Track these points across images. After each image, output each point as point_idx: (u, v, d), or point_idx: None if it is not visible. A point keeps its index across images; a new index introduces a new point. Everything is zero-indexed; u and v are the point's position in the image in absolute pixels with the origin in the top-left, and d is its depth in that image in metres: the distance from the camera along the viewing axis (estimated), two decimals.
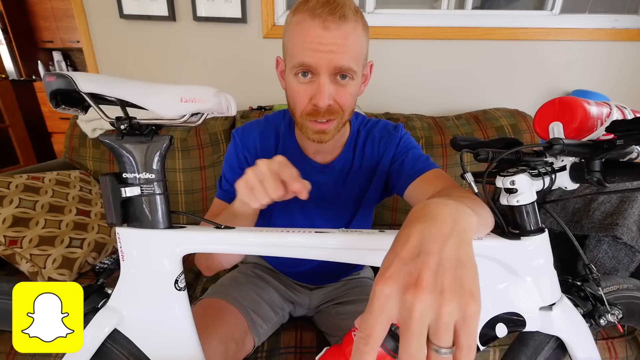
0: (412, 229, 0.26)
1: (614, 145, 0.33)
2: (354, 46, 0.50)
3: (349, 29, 0.48)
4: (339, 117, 0.54)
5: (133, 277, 0.40)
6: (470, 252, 0.25)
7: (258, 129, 0.66)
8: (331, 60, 0.49)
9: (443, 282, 0.22)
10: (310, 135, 0.56)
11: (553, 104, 0.39)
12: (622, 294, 0.50)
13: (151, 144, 0.37)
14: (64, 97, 0.38)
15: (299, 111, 0.54)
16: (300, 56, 0.49)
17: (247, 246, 0.40)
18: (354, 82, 0.53)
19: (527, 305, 0.38)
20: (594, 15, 1.34)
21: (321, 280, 0.77)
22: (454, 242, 0.24)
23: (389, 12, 1.34)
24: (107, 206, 0.37)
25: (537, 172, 0.38)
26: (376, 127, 0.67)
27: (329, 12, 0.47)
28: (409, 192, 0.58)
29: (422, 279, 0.22)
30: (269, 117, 0.69)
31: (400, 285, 0.23)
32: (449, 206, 0.28)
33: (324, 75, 0.50)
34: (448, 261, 0.23)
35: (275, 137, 0.66)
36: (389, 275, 0.23)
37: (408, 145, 0.64)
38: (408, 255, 0.24)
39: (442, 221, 0.26)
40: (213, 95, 0.36)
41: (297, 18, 0.50)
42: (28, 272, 0.83)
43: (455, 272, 0.23)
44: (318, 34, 0.48)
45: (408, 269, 0.23)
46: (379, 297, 0.23)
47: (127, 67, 1.39)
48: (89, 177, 1.14)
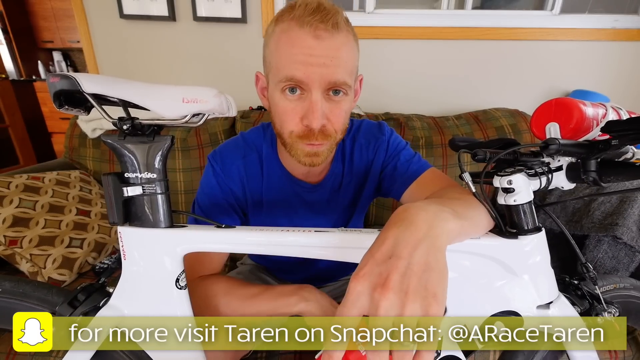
0: (388, 233, 0.28)
1: (609, 145, 0.34)
2: (347, 58, 0.45)
3: (342, 39, 0.44)
4: (332, 139, 0.49)
5: (134, 276, 0.40)
6: (440, 257, 0.27)
7: (238, 153, 0.58)
8: (324, 74, 0.43)
9: (409, 284, 0.24)
10: (302, 158, 0.50)
11: (550, 105, 0.39)
12: (619, 292, 0.50)
13: (153, 144, 0.38)
14: (67, 98, 0.38)
15: (287, 132, 0.48)
16: (288, 69, 0.43)
17: (247, 245, 0.40)
18: (347, 98, 0.47)
19: (524, 303, 0.38)
20: (593, 15, 1.34)
21: (320, 282, 0.77)
22: (424, 247, 0.27)
23: (389, 12, 1.34)
24: (109, 205, 0.37)
25: (534, 171, 0.38)
26: (360, 131, 0.62)
27: (320, 20, 0.42)
28: (406, 197, 0.56)
29: (389, 280, 0.24)
30: (246, 135, 0.61)
31: (370, 283, 0.25)
32: (427, 212, 0.30)
33: (316, 91, 0.44)
34: (416, 265, 0.25)
35: (258, 161, 0.59)
36: (362, 274, 0.26)
37: (397, 147, 0.61)
38: (381, 257, 0.26)
39: (416, 226, 0.28)
40: (214, 96, 0.36)
41: (281, 27, 0.44)
42: (28, 272, 0.83)
43: (421, 276, 0.25)
44: (308, 45, 0.42)
45: (379, 270, 0.25)
46: (352, 293, 0.25)
47: (127, 67, 1.39)
48: (89, 177, 1.14)
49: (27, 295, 0.44)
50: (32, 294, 0.44)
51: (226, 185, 0.57)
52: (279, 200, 0.60)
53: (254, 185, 0.60)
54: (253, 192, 0.60)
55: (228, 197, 0.58)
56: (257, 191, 0.60)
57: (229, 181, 0.57)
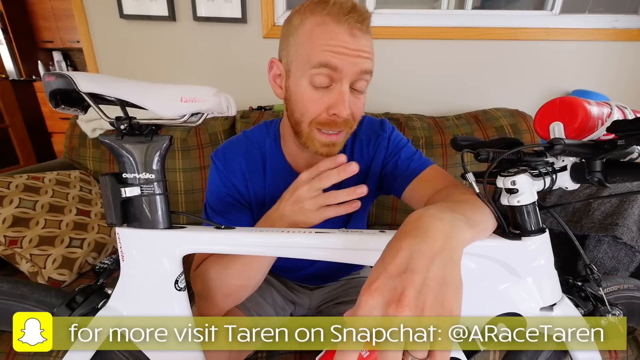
0: (402, 243, 0.26)
1: (615, 145, 0.33)
2: (372, 56, 0.49)
3: (370, 39, 0.48)
4: (349, 128, 0.52)
5: (133, 277, 0.40)
6: (457, 271, 0.26)
7: (240, 150, 0.60)
8: (357, 63, 0.46)
9: (425, 301, 0.23)
10: (319, 148, 0.51)
11: (554, 103, 0.39)
12: (623, 294, 0.50)
13: (151, 144, 0.37)
14: (63, 97, 0.38)
15: (307, 120, 0.50)
16: (323, 56, 0.45)
17: (247, 247, 0.39)
18: (364, 95, 0.51)
19: (527, 306, 0.38)
20: (593, 15, 1.33)
21: (321, 281, 0.77)
22: (441, 261, 0.25)
23: (389, 12, 1.34)
24: (106, 206, 0.37)
25: (537, 172, 0.38)
26: (361, 127, 0.62)
27: (356, 20, 0.45)
28: (407, 194, 0.56)
29: (405, 296, 0.23)
30: (248, 133, 0.63)
31: (384, 298, 0.24)
32: (443, 221, 0.28)
33: (346, 82, 0.47)
34: (433, 280, 0.24)
35: (261, 156, 0.61)
36: (375, 288, 0.24)
37: (398, 145, 0.61)
38: (395, 270, 0.25)
39: (432, 238, 0.26)
40: (213, 95, 0.36)
41: (315, 20, 0.46)
42: (28, 272, 0.83)
43: (438, 291, 0.24)
44: (345, 39, 0.45)
45: (393, 284, 0.24)
46: (363, 307, 0.24)
47: (127, 67, 1.39)
48: (89, 177, 1.14)
49: (25, 297, 0.43)
50: (31, 296, 0.44)
51: (229, 181, 0.58)
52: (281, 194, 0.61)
53: (256, 181, 0.60)
54: (255, 187, 0.60)
55: (232, 192, 0.59)
56: (260, 186, 0.61)
57: (232, 177, 0.59)
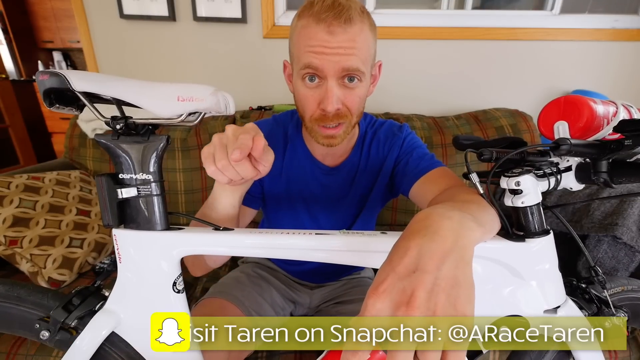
0: (411, 242, 0.25)
1: (622, 145, 0.33)
2: (360, 47, 0.49)
3: (355, 31, 0.48)
4: (347, 120, 0.54)
5: (130, 279, 0.40)
6: (469, 271, 0.25)
7: (265, 129, 0.64)
8: (338, 62, 0.48)
9: (436, 303, 0.22)
10: (320, 140, 0.55)
11: (558, 102, 0.38)
12: (627, 295, 0.49)
13: (148, 144, 0.37)
14: (57, 96, 0.37)
15: (307, 116, 0.54)
16: (306, 58, 0.49)
17: (246, 248, 0.39)
18: (362, 85, 0.52)
19: (531, 308, 0.37)
20: (593, 15, 1.33)
21: (322, 279, 0.77)
22: (453, 260, 0.24)
23: (388, 12, 1.34)
24: (103, 207, 0.36)
25: (542, 172, 0.37)
26: (382, 128, 0.67)
27: (334, 17, 0.46)
28: (414, 191, 0.57)
29: (415, 298, 0.22)
30: (277, 117, 0.68)
31: (392, 301, 0.22)
32: (452, 220, 0.27)
33: (331, 79, 0.49)
34: (444, 280, 0.23)
35: (283, 138, 0.65)
36: (382, 290, 0.23)
37: (412, 145, 0.63)
38: (404, 271, 0.23)
39: (443, 237, 0.25)
40: (210, 94, 0.35)
41: (302, 22, 0.49)
42: (28, 272, 0.83)
43: (450, 293, 0.22)
44: (323, 38, 0.47)
45: (402, 285, 0.22)
46: (370, 311, 0.22)
47: (127, 67, 1.39)
48: (89, 177, 1.13)
49: (22, 299, 0.43)
50: (27, 298, 0.43)
51: None
52: (297, 175, 0.65)
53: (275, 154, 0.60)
54: (274, 162, 0.61)
55: None
56: (278, 163, 0.64)
57: None
